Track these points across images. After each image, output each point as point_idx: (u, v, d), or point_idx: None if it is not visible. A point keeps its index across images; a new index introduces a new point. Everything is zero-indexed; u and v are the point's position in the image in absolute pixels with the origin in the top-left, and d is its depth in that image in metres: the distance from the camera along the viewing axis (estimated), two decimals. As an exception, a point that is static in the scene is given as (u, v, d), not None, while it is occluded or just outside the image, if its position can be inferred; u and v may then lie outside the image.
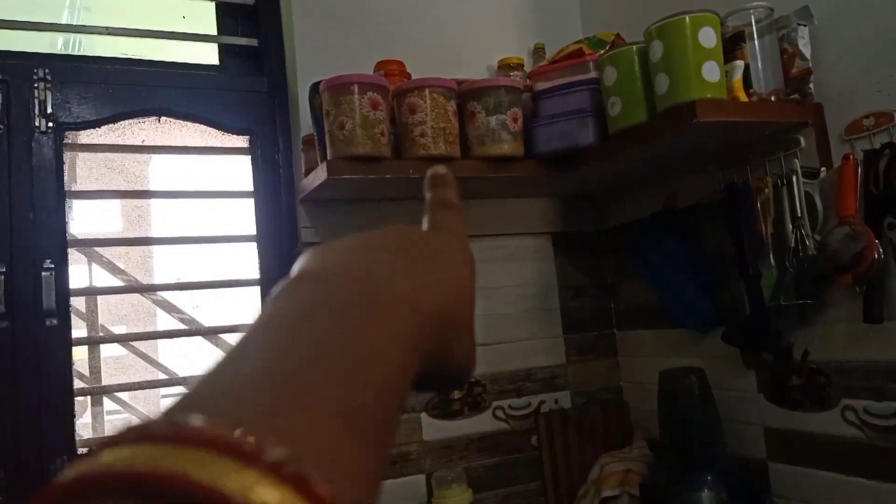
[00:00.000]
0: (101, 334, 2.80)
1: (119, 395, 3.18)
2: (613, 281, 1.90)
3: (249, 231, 1.76)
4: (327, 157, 1.40)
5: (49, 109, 1.52)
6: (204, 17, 1.84)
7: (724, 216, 1.46)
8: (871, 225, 1.19)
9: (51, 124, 1.52)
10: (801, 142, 1.32)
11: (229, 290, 1.81)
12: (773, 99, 1.31)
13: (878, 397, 1.23)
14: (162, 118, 1.68)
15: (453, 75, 1.50)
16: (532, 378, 1.79)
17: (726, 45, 1.30)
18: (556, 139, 1.51)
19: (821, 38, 1.31)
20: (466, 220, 0.42)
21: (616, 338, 1.90)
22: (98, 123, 1.59)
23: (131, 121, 1.65)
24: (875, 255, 1.16)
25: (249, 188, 1.77)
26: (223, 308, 2.04)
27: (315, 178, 1.46)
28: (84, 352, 2.57)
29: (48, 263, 1.47)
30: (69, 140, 1.57)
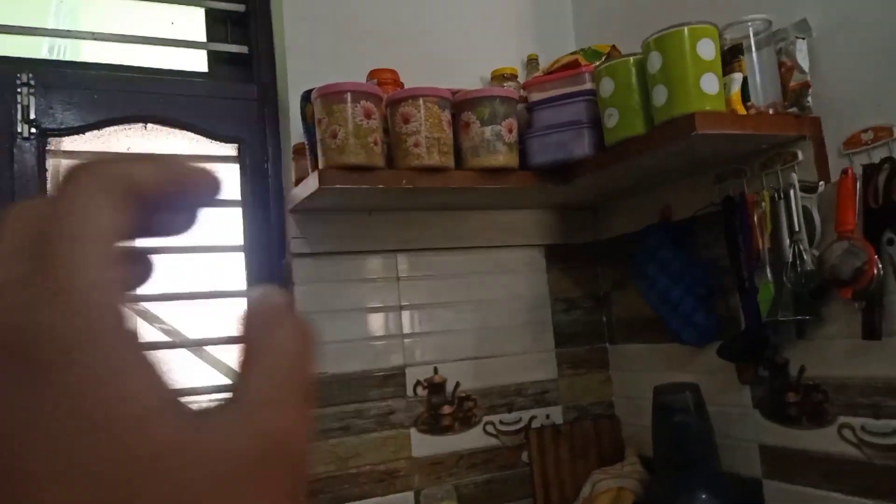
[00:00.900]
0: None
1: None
2: (606, 294, 1.88)
3: (236, 241, 1.72)
4: (319, 166, 1.37)
5: (32, 115, 1.48)
6: (193, 23, 1.81)
7: (720, 228, 1.45)
8: (871, 240, 1.18)
9: (34, 130, 1.48)
10: (799, 155, 1.31)
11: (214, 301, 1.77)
12: (770, 112, 1.30)
13: (877, 415, 1.22)
14: (148, 125, 1.65)
15: (446, 85, 1.48)
16: (523, 393, 1.76)
17: (724, 58, 1.28)
18: (552, 150, 1.49)
19: (819, 51, 1.30)
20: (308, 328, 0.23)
21: (608, 351, 1.88)
22: (82, 130, 1.55)
23: (117, 127, 1.61)
24: (875, 271, 1.15)
25: (237, 197, 1.73)
26: (210, 319, 1.99)
27: (306, 187, 1.43)
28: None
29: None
30: (52, 146, 1.52)
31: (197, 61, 1.79)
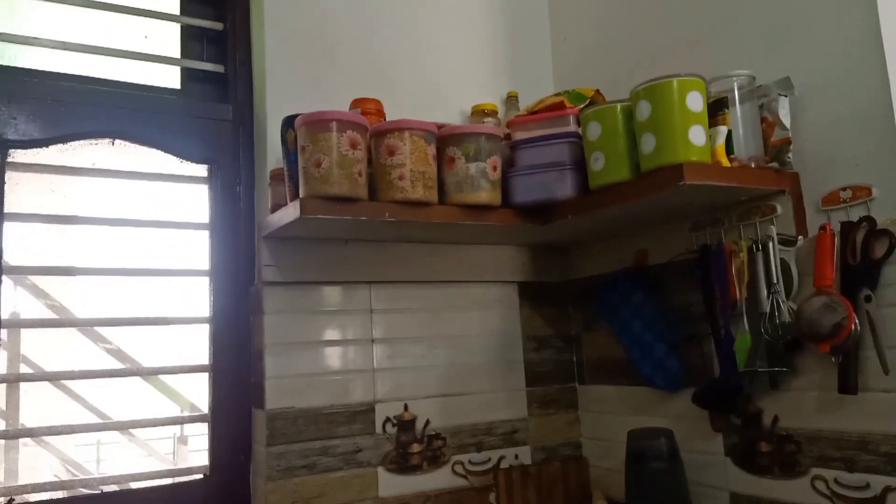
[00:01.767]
0: (23, 365, 2.59)
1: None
2: (577, 334, 1.88)
3: (201, 265, 1.65)
4: (300, 194, 1.33)
5: (-8, 124, 1.40)
6: (167, 38, 1.75)
7: (696, 276, 1.46)
8: (847, 296, 1.21)
9: (-7, 140, 1.39)
10: (778, 209, 1.34)
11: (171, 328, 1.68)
12: (753, 165, 1.33)
13: (850, 468, 1.23)
14: (116, 141, 1.57)
15: (426, 117, 1.46)
16: (493, 432, 1.73)
17: (710, 110, 1.31)
18: (534, 190, 1.49)
19: (800, 108, 1.34)
20: None
21: (577, 392, 1.87)
22: (46, 143, 1.47)
23: (83, 142, 1.53)
24: (853, 327, 1.18)
25: (205, 220, 1.67)
26: (164, 344, 1.90)
27: (285, 215, 1.38)
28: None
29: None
30: (12, 158, 1.44)
31: (170, 77, 1.73)
